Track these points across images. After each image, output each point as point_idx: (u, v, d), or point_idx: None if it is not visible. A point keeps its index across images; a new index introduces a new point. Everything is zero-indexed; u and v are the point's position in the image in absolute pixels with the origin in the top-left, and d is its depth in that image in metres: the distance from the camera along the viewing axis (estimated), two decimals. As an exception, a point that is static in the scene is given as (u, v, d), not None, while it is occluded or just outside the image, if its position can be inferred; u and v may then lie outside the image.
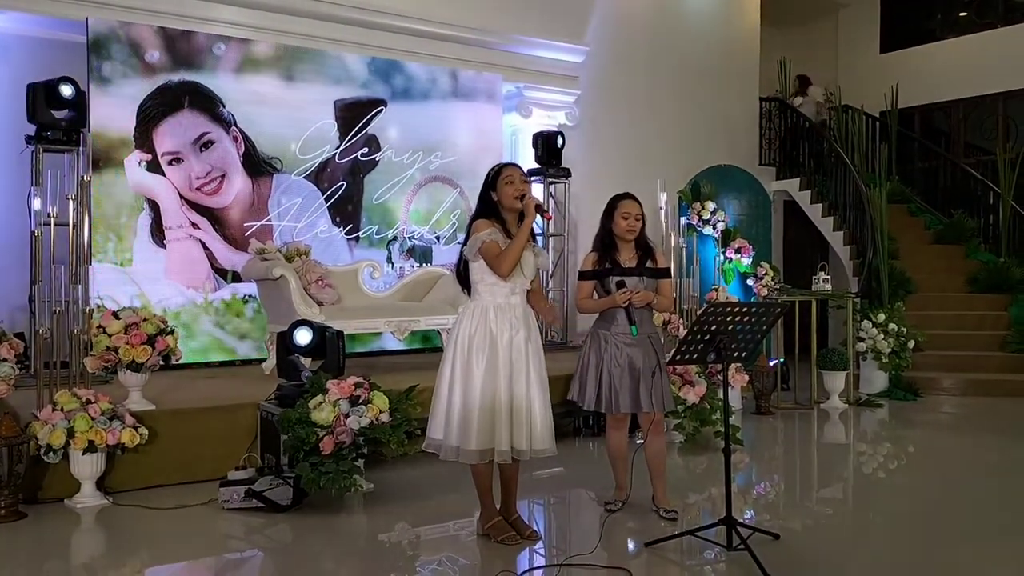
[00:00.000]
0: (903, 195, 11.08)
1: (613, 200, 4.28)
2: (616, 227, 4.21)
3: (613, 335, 4.18)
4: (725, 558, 3.69)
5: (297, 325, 5.06)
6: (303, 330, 5.02)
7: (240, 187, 7.17)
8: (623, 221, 4.18)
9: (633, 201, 4.23)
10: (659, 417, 4.27)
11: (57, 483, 4.49)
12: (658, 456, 4.28)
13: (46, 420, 4.38)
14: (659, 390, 4.17)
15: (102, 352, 4.85)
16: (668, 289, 4.32)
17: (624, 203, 4.22)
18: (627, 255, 4.24)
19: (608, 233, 4.25)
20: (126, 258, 6.68)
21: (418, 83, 8.07)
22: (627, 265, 4.20)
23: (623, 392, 4.14)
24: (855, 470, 5.75)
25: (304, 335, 5.00)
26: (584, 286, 4.29)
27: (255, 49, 7.26)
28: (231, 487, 4.39)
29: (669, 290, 4.34)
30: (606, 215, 4.26)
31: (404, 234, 8.02)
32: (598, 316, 4.29)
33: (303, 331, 5.01)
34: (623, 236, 4.20)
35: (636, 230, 4.19)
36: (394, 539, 4.07)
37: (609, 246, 4.24)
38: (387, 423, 4.42)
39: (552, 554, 3.84)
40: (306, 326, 5.05)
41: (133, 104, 6.69)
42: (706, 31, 10.35)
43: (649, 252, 4.27)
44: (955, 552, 3.92)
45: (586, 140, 9.14)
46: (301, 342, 4.99)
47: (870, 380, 8.08)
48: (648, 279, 4.20)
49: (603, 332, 4.22)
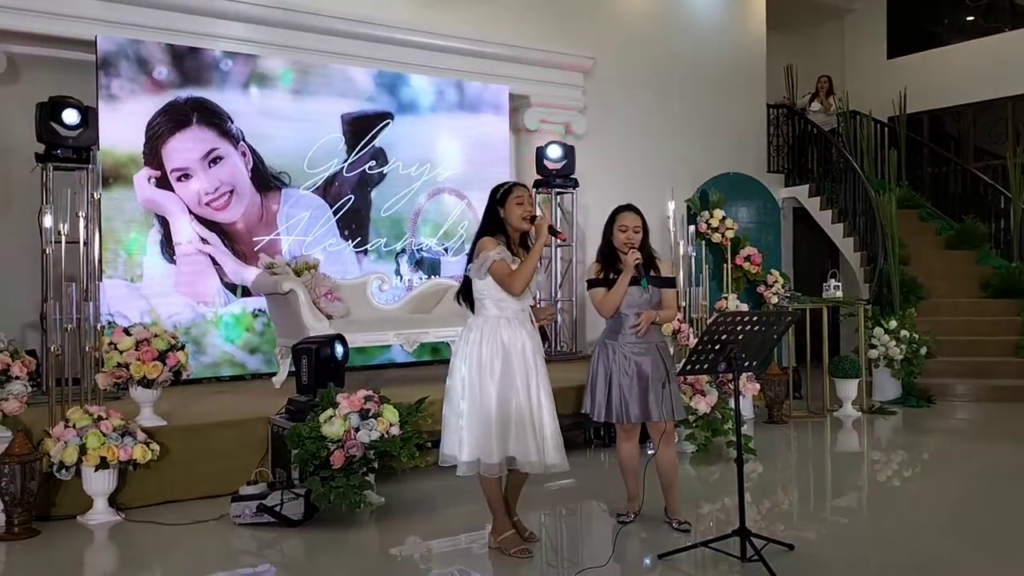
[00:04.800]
0: (913, 201, 11.02)
1: (613, 212, 4.29)
2: (615, 239, 4.20)
3: (621, 344, 4.16)
4: (739, 570, 3.66)
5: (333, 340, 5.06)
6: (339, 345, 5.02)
7: (249, 202, 7.20)
8: (621, 234, 4.18)
9: (632, 213, 4.22)
10: (670, 427, 4.24)
11: (70, 500, 4.50)
12: (670, 467, 4.26)
13: (58, 437, 4.39)
14: (668, 399, 4.15)
15: (113, 369, 4.86)
16: (672, 299, 4.30)
17: (622, 215, 4.22)
18: None
19: (609, 244, 4.25)
20: (136, 274, 6.71)
21: (424, 96, 8.10)
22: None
23: (632, 402, 4.12)
24: (869, 478, 5.71)
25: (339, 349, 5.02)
26: (596, 291, 4.25)
27: (262, 64, 7.30)
28: (243, 502, 4.39)
29: (673, 300, 4.32)
30: (606, 228, 4.27)
31: (412, 246, 8.03)
32: (606, 327, 4.27)
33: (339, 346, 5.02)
34: (621, 248, 4.19)
35: (634, 242, 4.15)
36: (406, 553, 4.06)
37: (611, 257, 4.24)
38: (397, 436, 4.41)
39: (564, 566, 3.82)
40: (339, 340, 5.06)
41: (142, 121, 6.73)
42: (712, 38, 10.35)
43: (651, 262, 4.24)
44: (973, 561, 3.87)
45: (593, 150, 9.14)
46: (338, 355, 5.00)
47: (883, 387, 8.03)
48: (653, 289, 4.17)
49: (611, 342, 4.20)
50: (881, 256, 9.09)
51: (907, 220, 10.33)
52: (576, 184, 8.62)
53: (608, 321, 4.25)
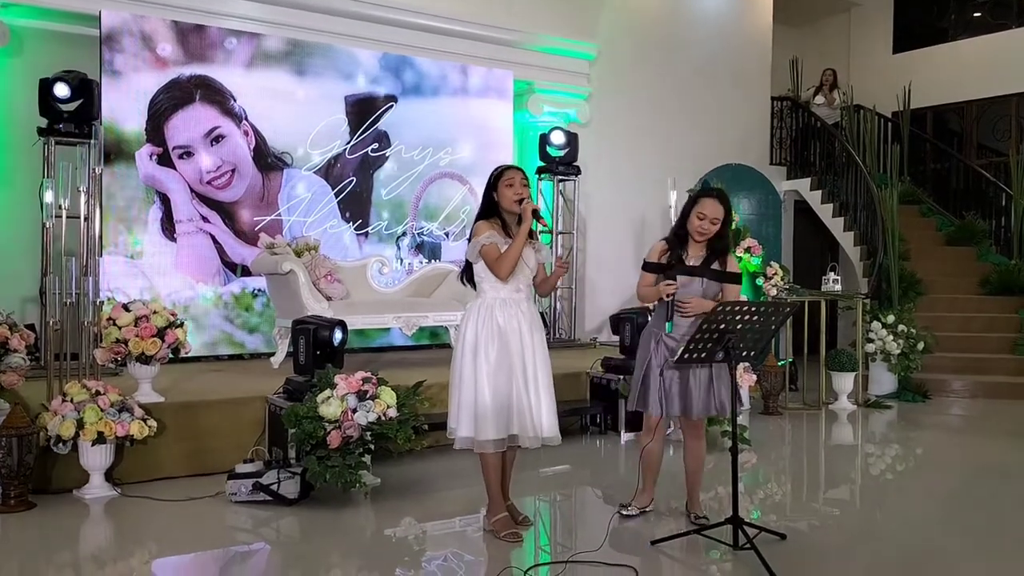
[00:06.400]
0: (914, 196, 11.03)
1: (698, 194, 4.07)
2: (689, 223, 4.00)
3: (665, 334, 3.99)
4: (731, 557, 3.68)
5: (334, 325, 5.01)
6: (338, 330, 4.99)
7: (250, 181, 7.19)
8: (697, 220, 3.96)
9: (715, 202, 3.96)
10: (700, 422, 4.15)
11: (66, 474, 4.52)
12: (699, 460, 4.16)
13: (56, 411, 4.41)
14: (715, 395, 3.99)
15: (112, 344, 4.87)
16: (735, 295, 4.06)
17: (704, 201, 3.98)
18: (695, 252, 4.03)
19: (683, 227, 4.04)
20: (136, 251, 6.71)
21: (429, 79, 8.08)
22: (691, 263, 4.00)
23: (673, 395, 3.96)
24: (863, 471, 5.73)
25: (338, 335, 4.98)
26: (645, 276, 4.07)
27: (266, 44, 7.28)
28: (239, 480, 4.40)
29: (736, 296, 4.06)
30: (687, 206, 4.04)
31: (413, 230, 8.02)
32: (653, 315, 4.14)
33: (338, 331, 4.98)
34: (693, 235, 4.00)
35: (707, 233, 3.96)
36: (400, 534, 4.07)
37: (681, 240, 4.04)
38: (394, 419, 4.43)
39: (558, 551, 3.84)
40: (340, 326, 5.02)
41: (145, 97, 6.72)
42: (718, 29, 10.32)
43: (718, 255, 4.02)
44: (962, 554, 3.90)
45: (597, 138, 9.13)
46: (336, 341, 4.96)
47: (879, 381, 8.05)
48: (709, 281, 4.00)
49: (655, 331, 4.05)
50: (881, 251, 9.09)
51: (908, 215, 10.34)
52: (579, 171, 8.61)
53: (657, 308, 4.08)
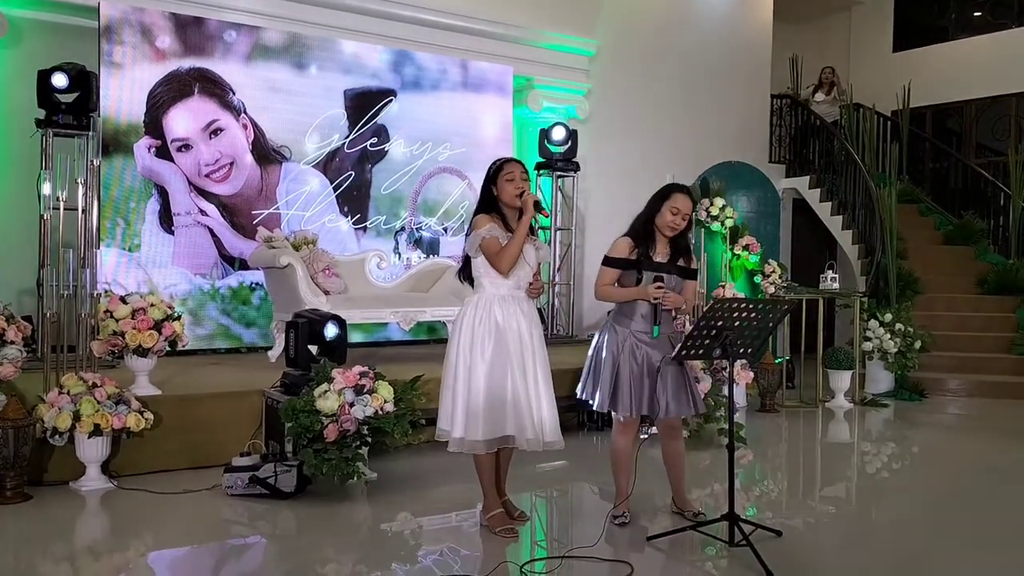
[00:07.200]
0: (913, 195, 11.03)
1: (666, 189, 3.97)
2: (660, 218, 3.90)
3: (632, 332, 3.92)
4: (727, 554, 3.68)
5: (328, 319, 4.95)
6: (331, 325, 4.92)
7: (249, 175, 7.18)
8: (670, 215, 3.88)
9: (686, 197, 3.91)
10: (678, 420, 4.12)
11: (62, 466, 4.52)
12: (679, 459, 4.13)
13: (52, 403, 4.40)
14: (689, 394, 3.96)
15: (109, 336, 4.87)
16: (692, 292, 4.06)
17: (677, 196, 3.91)
18: (662, 249, 3.97)
19: (650, 222, 3.95)
20: (134, 243, 6.70)
21: (428, 74, 8.06)
22: (658, 260, 3.94)
23: (643, 394, 3.90)
24: (859, 469, 5.74)
25: (332, 329, 4.91)
26: (608, 272, 3.95)
27: (266, 37, 7.26)
28: (235, 473, 4.40)
29: (693, 293, 4.08)
30: (655, 202, 3.94)
31: (412, 225, 8.02)
32: (617, 309, 4.01)
33: (331, 326, 4.91)
34: (663, 230, 3.94)
35: (678, 228, 3.90)
36: (396, 528, 4.07)
37: (647, 236, 3.95)
38: (391, 413, 4.43)
39: (554, 547, 3.84)
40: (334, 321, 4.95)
41: (143, 90, 6.70)
42: (718, 27, 10.31)
43: (683, 251, 3.99)
44: (957, 553, 3.90)
45: (596, 134, 9.12)
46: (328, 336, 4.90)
47: (876, 380, 8.06)
48: (677, 278, 3.95)
49: (621, 328, 3.94)
50: (879, 249, 9.10)
51: (906, 214, 10.34)
52: (577, 167, 8.60)
53: (619, 305, 4.00)
